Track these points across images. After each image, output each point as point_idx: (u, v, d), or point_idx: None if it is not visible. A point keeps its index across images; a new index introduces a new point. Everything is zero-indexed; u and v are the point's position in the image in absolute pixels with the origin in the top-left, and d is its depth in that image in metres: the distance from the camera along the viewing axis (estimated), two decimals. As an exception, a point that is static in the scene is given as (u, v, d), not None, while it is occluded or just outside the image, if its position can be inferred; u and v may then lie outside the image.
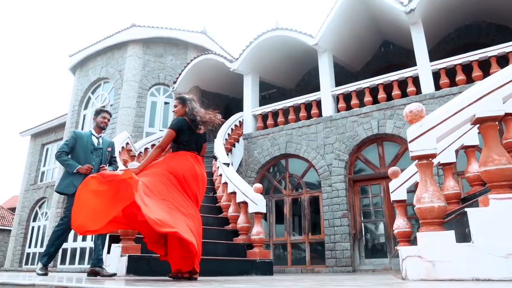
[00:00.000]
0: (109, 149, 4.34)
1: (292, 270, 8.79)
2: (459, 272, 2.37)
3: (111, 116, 4.52)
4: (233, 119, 10.23)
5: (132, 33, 12.35)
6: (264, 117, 10.70)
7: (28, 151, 16.37)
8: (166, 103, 12.22)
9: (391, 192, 4.59)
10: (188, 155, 3.14)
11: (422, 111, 2.78)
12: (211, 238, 5.25)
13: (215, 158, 7.26)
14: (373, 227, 8.78)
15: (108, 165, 4.31)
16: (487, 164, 2.52)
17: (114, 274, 3.76)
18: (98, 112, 4.37)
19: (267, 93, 14.02)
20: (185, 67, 11.79)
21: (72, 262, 11.19)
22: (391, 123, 8.49)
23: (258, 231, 5.36)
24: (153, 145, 9.76)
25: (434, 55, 11.13)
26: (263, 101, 13.46)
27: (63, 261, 11.49)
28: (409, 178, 4.60)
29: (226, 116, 12.26)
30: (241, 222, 5.59)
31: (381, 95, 8.93)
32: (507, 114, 4.58)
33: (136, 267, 3.95)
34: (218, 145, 7.58)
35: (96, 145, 4.20)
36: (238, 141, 10.16)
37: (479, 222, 2.42)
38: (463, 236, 2.61)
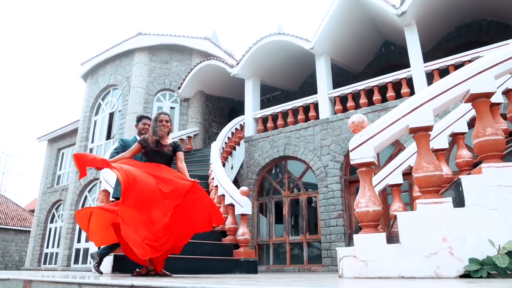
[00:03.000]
0: None
1: (290, 269, 9.04)
2: (387, 271, 2.60)
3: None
4: (234, 123, 10.54)
5: (138, 41, 12.82)
6: (265, 120, 10.97)
7: (45, 155, 17.13)
8: (172, 107, 12.63)
9: (364, 195, 4.79)
10: None
11: (363, 122, 3.02)
12: (200, 239, 5.56)
13: None
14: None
15: None
16: (417, 171, 2.74)
17: (101, 273, 4.11)
18: (139, 119, 4.48)
19: (272, 96, 14.29)
20: (188, 73, 12.17)
21: (84, 261, 11.75)
22: (385, 124, 8.61)
23: (243, 231, 5.65)
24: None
25: (434, 55, 11.19)
26: (267, 103, 13.74)
27: (76, 261, 12.07)
28: (380, 182, 4.81)
29: (231, 119, 12.62)
30: (228, 223, 5.88)
31: (376, 96, 9.07)
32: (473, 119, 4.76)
33: (121, 265, 4.31)
34: (213, 148, 7.90)
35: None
36: (239, 144, 10.46)
37: (406, 225, 2.64)
38: (398, 237, 2.83)
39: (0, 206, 24.94)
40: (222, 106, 13.78)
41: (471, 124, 4.70)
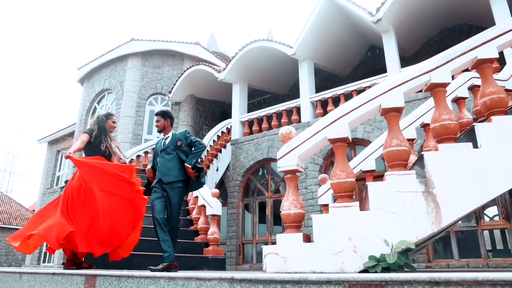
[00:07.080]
0: (179, 142, 4.49)
1: (271, 268, 9.36)
2: (302, 266, 2.93)
3: (163, 116, 4.64)
4: (220, 126, 10.89)
5: (132, 46, 13.23)
6: (250, 123, 11.30)
7: (45, 157, 17.65)
8: (163, 111, 13.00)
9: (319, 197, 5.12)
10: None
11: (290, 133, 3.35)
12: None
13: None
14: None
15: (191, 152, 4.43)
16: (332, 178, 3.07)
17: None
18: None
19: (262, 99, 14.61)
20: (179, 77, 12.54)
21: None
22: (361, 128, 8.92)
23: (213, 231, 6.00)
24: (146, 152, 10.53)
25: (418, 59, 11.41)
26: (258, 106, 14.07)
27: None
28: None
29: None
30: (200, 223, 6.24)
31: (355, 101, 9.35)
32: (425, 124, 5.09)
33: (91, 261, 4.69)
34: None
35: (162, 146, 4.52)
36: (225, 147, 10.81)
37: (319, 226, 2.97)
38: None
39: (4, 206, 25.57)
40: (213, 109, 14.15)
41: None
